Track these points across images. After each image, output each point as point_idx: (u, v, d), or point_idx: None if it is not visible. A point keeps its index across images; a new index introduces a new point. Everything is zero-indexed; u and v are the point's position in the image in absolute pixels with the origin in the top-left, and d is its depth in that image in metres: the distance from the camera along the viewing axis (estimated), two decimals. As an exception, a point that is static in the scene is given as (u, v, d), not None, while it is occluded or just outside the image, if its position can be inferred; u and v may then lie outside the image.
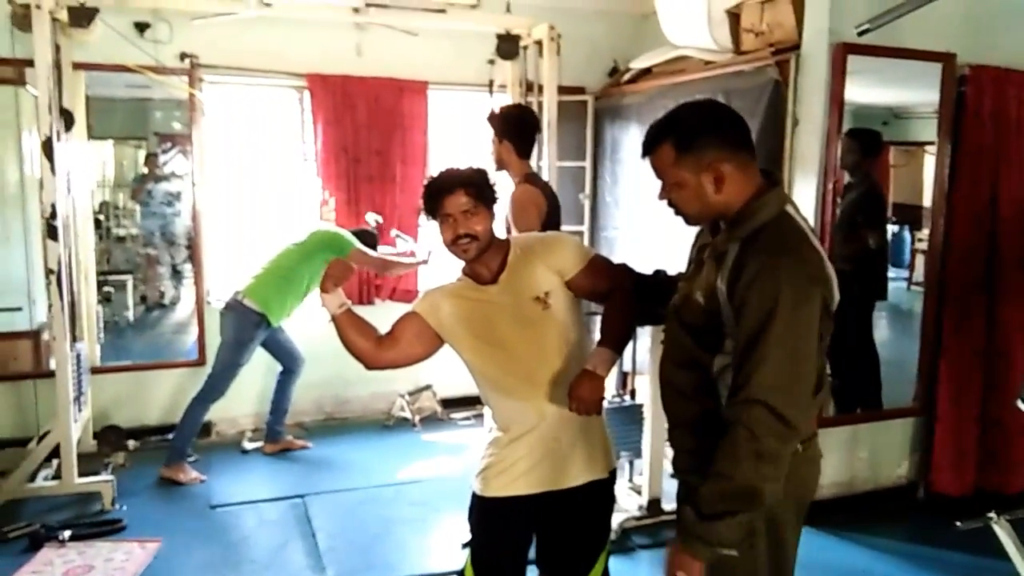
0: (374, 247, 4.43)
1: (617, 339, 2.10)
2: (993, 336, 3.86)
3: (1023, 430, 3.78)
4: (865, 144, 4.12)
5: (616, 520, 3.57)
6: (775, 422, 1.60)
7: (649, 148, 1.77)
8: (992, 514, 3.02)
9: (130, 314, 5.28)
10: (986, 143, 3.76)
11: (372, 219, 4.73)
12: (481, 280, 2.14)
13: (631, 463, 4.03)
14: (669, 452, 4.28)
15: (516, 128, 3.39)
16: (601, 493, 2.22)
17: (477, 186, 2.07)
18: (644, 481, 3.73)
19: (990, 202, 3.81)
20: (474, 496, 2.21)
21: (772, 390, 1.60)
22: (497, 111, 3.48)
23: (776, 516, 1.81)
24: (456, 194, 2.05)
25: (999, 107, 3.76)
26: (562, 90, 4.59)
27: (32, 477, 3.88)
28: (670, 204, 1.79)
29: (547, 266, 2.11)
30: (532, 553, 2.29)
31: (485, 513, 2.20)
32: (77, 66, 4.32)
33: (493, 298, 2.11)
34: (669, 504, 3.73)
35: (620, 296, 2.15)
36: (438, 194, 2.07)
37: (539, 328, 2.10)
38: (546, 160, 4.53)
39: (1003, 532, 2.99)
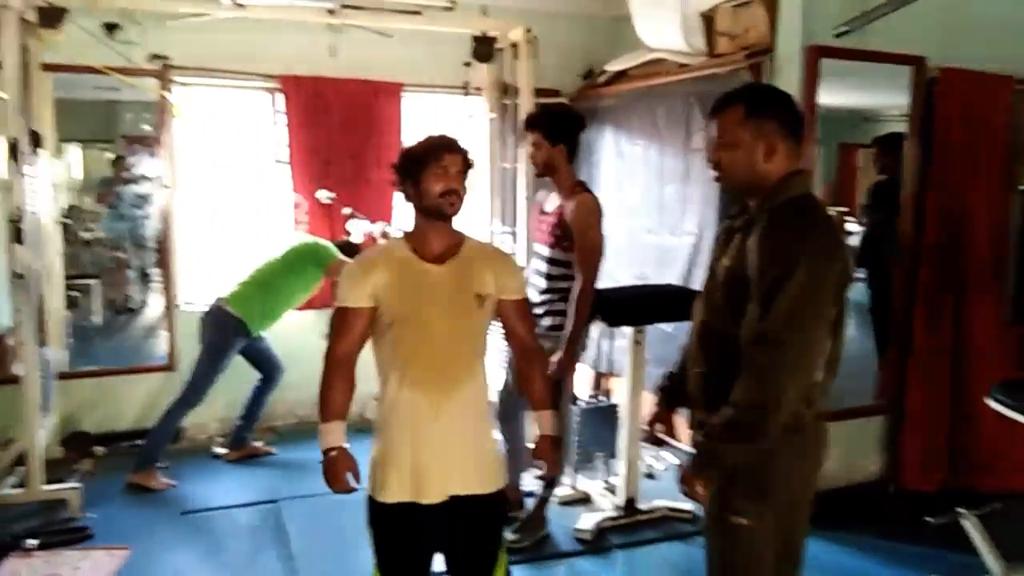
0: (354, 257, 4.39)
1: (549, 401, 2.33)
2: (962, 334, 3.92)
3: (993, 428, 3.83)
4: (895, 144, 4.17)
5: (592, 520, 3.58)
6: (781, 355, 1.76)
7: (722, 106, 1.93)
8: (962, 509, 3.07)
9: (97, 318, 5.19)
10: (956, 144, 3.82)
11: (325, 196, 4.70)
12: (425, 257, 2.13)
13: (606, 463, 4.04)
14: (643, 452, 4.32)
15: (572, 131, 3.33)
16: (491, 507, 2.22)
17: (468, 159, 2.16)
18: (619, 481, 3.74)
19: (959, 203, 3.87)
20: (370, 500, 2.20)
21: (781, 331, 1.76)
22: (543, 112, 3.41)
23: (790, 498, 1.94)
24: (456, 154, 2.13)
25: (969, 109, 3.83)
26: (538, 93, 4.60)
27: (-3, 484, 3.80)
28: (716, 166, 1.95)
29: (494, 276, 2.17)
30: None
31: (384, 519, 2.18)
32: (46, 67, 4.23)
33: (433, 277, 2.11)
34: (645, 504, 3.75)
35: (538, 361, 2.34)
36: (441, 147, 2.11)
37: (467, 323, 2.13)
38: (521, 163, 4.53)
39: (972, 527, 3.04)
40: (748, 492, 1.90)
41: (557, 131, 3.28)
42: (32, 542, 3.40)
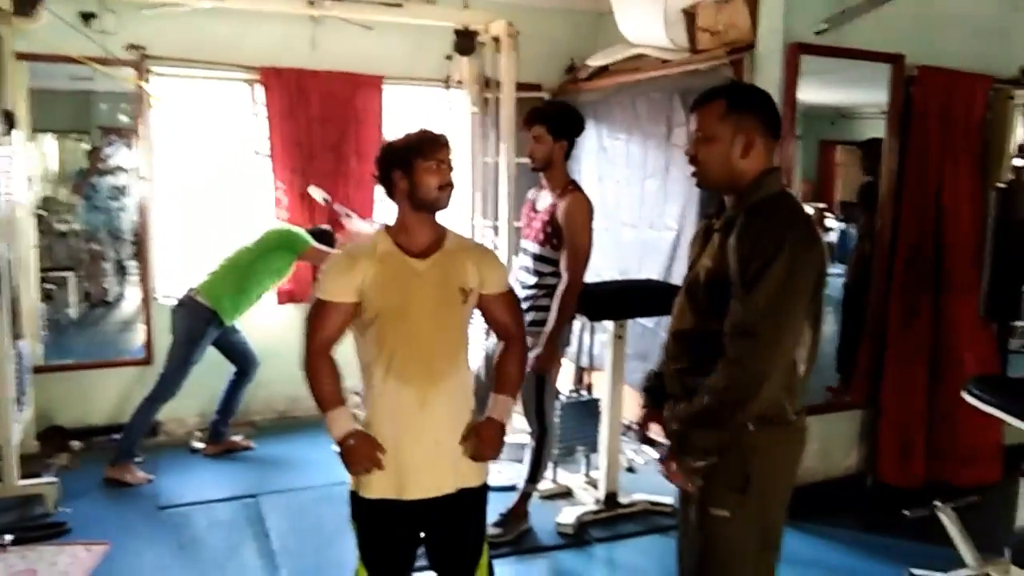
0: (331, 245, 4.38)
1: (515, 389, 2.30)
2: (939, 330, 3.96)
3: (969, 423, 3.89)
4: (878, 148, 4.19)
5: (573, 514, 3.59)
6: (756, 346, 1.80)
7: (704, 100, 1.97)
8: (937, 503, 3.12)
9: (73, 311, 5.12)
10: (933, 142, 3.87)
11: (319, 195, 4.68)
12: (409, 251, 2.13)
13: (587, 457, 4.06)
14: (625, 447, 4.33)
15: (574, 129, 3.34)
16: (474, 501, 2.23)
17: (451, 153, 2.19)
18: (601, 475, 3.75)
19: (936, 199, 3.92)
20: (353, 495, 2.19)
21: (757, 322, 1.80)
22: (549, 106, 3.40)
23: (769, 489, 1.95)
24: (446, 148, 2.15)
25: (946, 107, 3.87)
26: (519, 87, 4.59)
27: (-29, 480, 3.74)
28: (693, 160, 1.98)
29: (477, 270, 2.18)
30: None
31: (368, 513, 2.18)
32: (20, 56, 4.16)
33: (417, 271, 2.11)
34: (625, 498, 3.76)
35: (519, 348, 2.31)
36: (435, 141, 2.13)
37: (452, 316, 2.14)
38: (503, 157, 4.52)
39: (948, 520, 3.09)
40: (729, 484, 1.92)
41: (561, 127, 3.29)
42: (8, 537, 3.35)
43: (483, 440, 2.17)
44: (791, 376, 1.91)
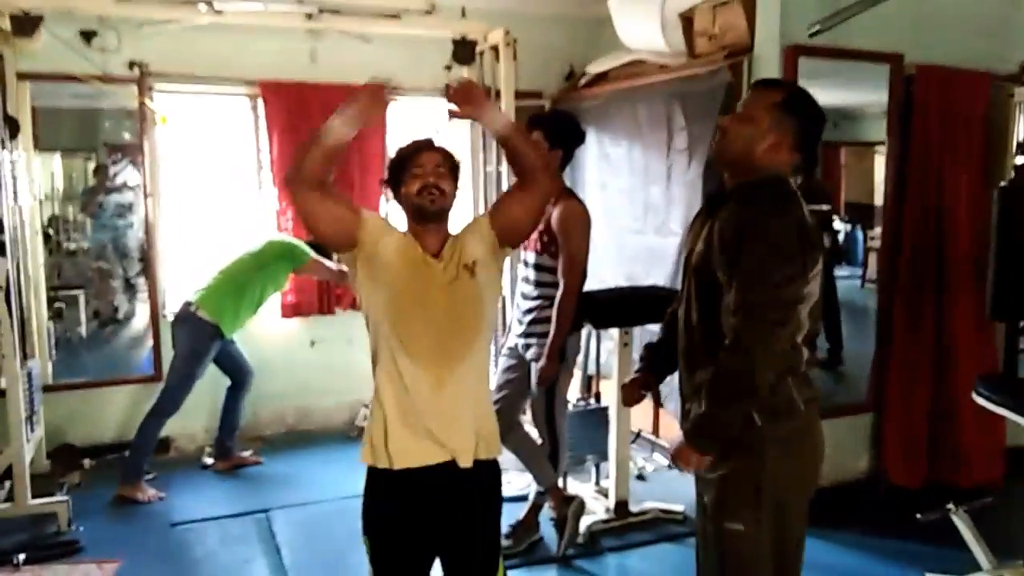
0: (329, 256, 4.39)
1: (517, 129, 2.16)
2: (944, 331, 3.95)
3: (977, 423, 3.87)
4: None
5: (584, 523, 3.58)
6: (757, 318, 1.79)
7: (765, 84, 2.01)
8: (951, 506, 3.09)
9: (83, 329, 5.14)
10: (933, 141, 3.85)
11: None
12: (427, 251, 2.14)
13: (597, 466, 4.05)
14: (635, 455, 4.33)
15: (572, 140, 3.33)
16: (490, 473, 2.19)
17: (450, 156, 2.19)
18: (611, 484, 3.74)
19: (938, 200, 3.90)
20: (365, 492, 2.16)
21: (754, 297, 1.79)
22: (548, 113, 3.39)
23: (783, 500, 1.92)
24: (433, 152, 2.16)
25: (946, 106, 3.85)
26: (519, 95, 4.60)
27: (-17, 500, 3.77)
28: (722, 132, 1.97)
29: (472, 236, 2.17)
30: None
31: (383, 487, 2.13)
32: (21, 76, 4.19)
33: (430, 261, 2.11)
34: (636, 506, 3.75)
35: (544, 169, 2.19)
36: (416, 150, 2.15)
37: (465, 296, 2.12)
38: (504, 165, 4.52)
39: (962, 523, 3.06)
40: (742, 496, 1.90)
41: (558, 135, 3.28)
42: (20, 557, 3.37)
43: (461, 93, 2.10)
44: (795, 358, 1.88)
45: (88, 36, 4.36)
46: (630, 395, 2.31)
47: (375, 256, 2.09)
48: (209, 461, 4.57)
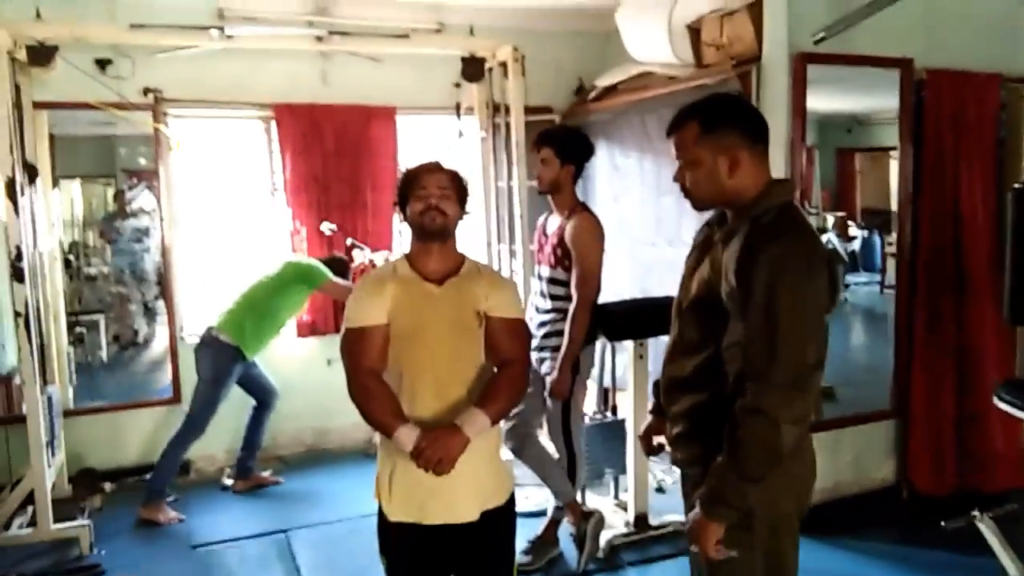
0: (345, 275, 4.42)
1: (498, 412, 2.14)
2: (964, 335, 3.90)
3: (999, 428, 3.81)
4: None
5: (604, 537, 3.56)
6: (790, 402, 1.69)
7: (676, 125, 1.87)
8: (976, 512, 3.04)
9: (103, 354, 5.20)
10: (946, 145, 3.82)
11: (327, 228, 4.73)
12: (426, 277, 2.16)
13: (616, 480, 4.02)
14: (654, 467, 4.29)
15: (583, 154, 3.35)
16: (500, 521, 2.21)
17: (456, 177, 2.20)
18: (630, 497, 3.72)
19: (953, 203, 3.86)
20: (380, 522, 2.21)
21: (784, 369, 1.68)
22: (557, 129, 3.41)
23: (776, 524, 1.86)
24: (437, 174, 2.17)
25: (957, 109, 3.83)
26: (529, 110, 4.61)
27: (7, 525, 3.79)
28: (682, 186, 1.91)
29: (487, 292, 2.17)
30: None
31: (394, 541, 2.19)
32: (38, 105, 4.25)
33: (433, 295, 2.13)
34: (656, 519, 3.72)
35: (519, 370, 2.21)
36: (420, 172, 2.17)
37: (468, 341, 2.14)
38: (516, 180, 4.53)
39: (988, 530, 3.02)
40: (735, 522, 1.81)
41: (569, 150, 3.29)
42: (43, 582, 3.40)
43: (433, 443, 2.02)
44: (812, 409, 1.81)
45: (103, 64, 4.42)
46: (647, 446, 2.26)
47: (392, 315, 2.13)
48: (229, 482, 4.58)
